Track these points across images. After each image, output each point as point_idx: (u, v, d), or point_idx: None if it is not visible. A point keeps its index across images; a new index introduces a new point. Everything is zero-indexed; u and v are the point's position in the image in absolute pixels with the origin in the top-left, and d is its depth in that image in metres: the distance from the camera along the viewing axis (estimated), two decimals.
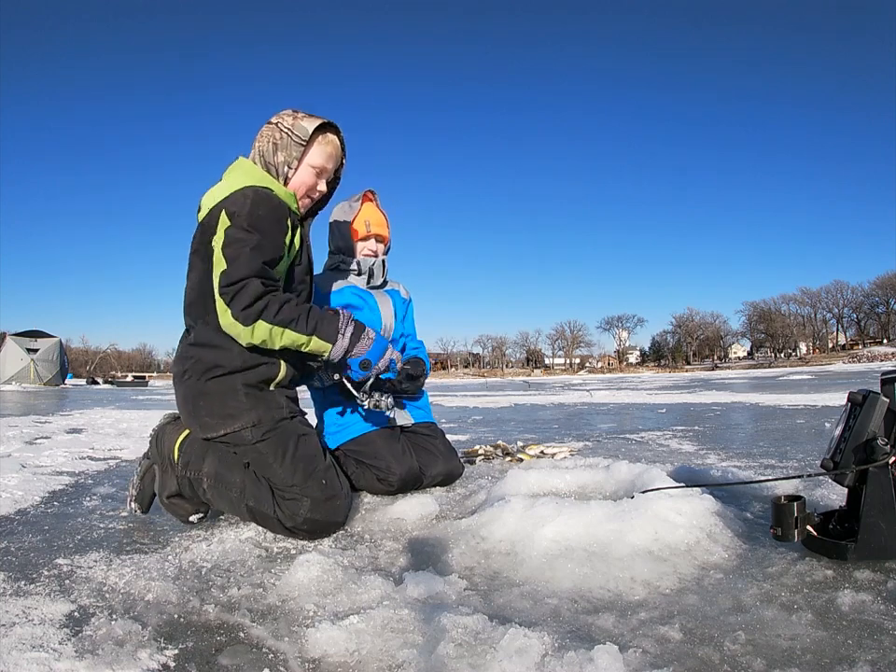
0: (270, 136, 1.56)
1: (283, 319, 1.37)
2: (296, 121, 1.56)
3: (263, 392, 1.50)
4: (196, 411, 1.48)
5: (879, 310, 70.76)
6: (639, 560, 1.16)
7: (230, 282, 1.35)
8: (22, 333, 20.11)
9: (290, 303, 1.39)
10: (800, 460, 2.38)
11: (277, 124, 1.57)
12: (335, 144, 1.63)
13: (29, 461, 2.64)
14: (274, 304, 1.36)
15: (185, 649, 0.85)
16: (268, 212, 1.43)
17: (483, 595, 1.03)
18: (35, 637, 0.87)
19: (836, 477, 1.16)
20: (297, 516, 1.37)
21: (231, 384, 1.46)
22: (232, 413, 1.45)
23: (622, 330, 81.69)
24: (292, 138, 1.55)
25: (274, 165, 1.56)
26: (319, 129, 1.58)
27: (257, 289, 1.35)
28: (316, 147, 1.59)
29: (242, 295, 1.34)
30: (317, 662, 0.82)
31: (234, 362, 1.46)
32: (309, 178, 1.60)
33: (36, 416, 5.71)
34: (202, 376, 1.47)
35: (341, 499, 1.45)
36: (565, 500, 1.36)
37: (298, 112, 1.59)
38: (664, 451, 2.79)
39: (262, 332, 1.36)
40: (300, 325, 1.38)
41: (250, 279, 1.35)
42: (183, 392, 1.51)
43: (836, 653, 0.80)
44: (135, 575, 1.14)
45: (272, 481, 1.43)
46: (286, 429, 1.48)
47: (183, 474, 1.49)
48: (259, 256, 1.38)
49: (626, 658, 0.78)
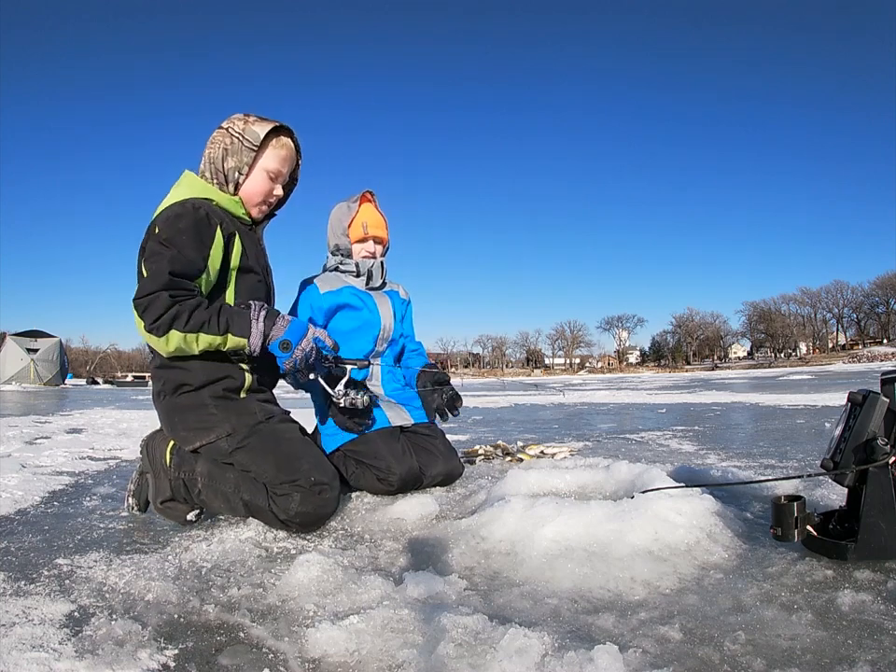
0: (221, 142, 1.55)
1: (194, 325, 1.35)
2: (247, 126, 1.54)
3: (234, 401, 1.51)
4: (173, 426, 1.52)
5: (879, 310, 70.83)
6: (639, 560, 1.16)
7: (141, 294, 1.35)
8: (22, 333, 20.12)
9: (200, 308, 1.37)
10: (800, 460, 2.38)
11: (228, 129, 1.55)
12: (289, 147, 1.61)
13: (29, 461, 2.64)
14: (184, 313, 1.35)
15: (185, 649, 0.85)
16: (189, 225, 1.42)
17: (482, 595, 1.03)
18: (35, 637, 0.87)
19: (836, 477, 1.16)
20: (289, 510, 1.40)
21: (200, 398, 1.48)
22: (206, 426, 1.48)
23: (622, 330, 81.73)
24: (244, 143, 1.54)
25: (224, 172, 1.55)
26: (272, 132, 1.57)
27: (164, 301, 1.33)
28: (270, 152, 1.58)
29: (150, 309, 1.33)
30: (317, 662, 0.82)
31: (198, 378, 1.48)
32: (264, 184, 1.59)
33: (36, 416, 5.72)
34: (172, 394, 1.51)
35: (329, 491, 1.46)
36: (565, 500, 1.36)
37: (249, 116, 1.57)
38: (664, 451, 2.79)
39: (176, 341, 1.36)
40: (211, 327, 1.37)
41: (159, 293, 1.34)
42: (160, 410, 1.55)
43: (836, 653, 0.80)
44: (135, 575, 1.14)
45: (261, 479, 1.45)
46: (262, 434, 1.49)
47: (176, 476, 1.51)
48: (169, 268, 1.37)
49: (626, 658, 0.78)
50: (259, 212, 1.64)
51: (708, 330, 78.67)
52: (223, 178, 1.56)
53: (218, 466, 1.49)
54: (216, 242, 1.46)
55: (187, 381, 1.48)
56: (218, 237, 1.47)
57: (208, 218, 1.46)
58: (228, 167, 1.55)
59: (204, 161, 1.57)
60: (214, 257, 1.46)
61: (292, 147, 1.63)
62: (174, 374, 1.49)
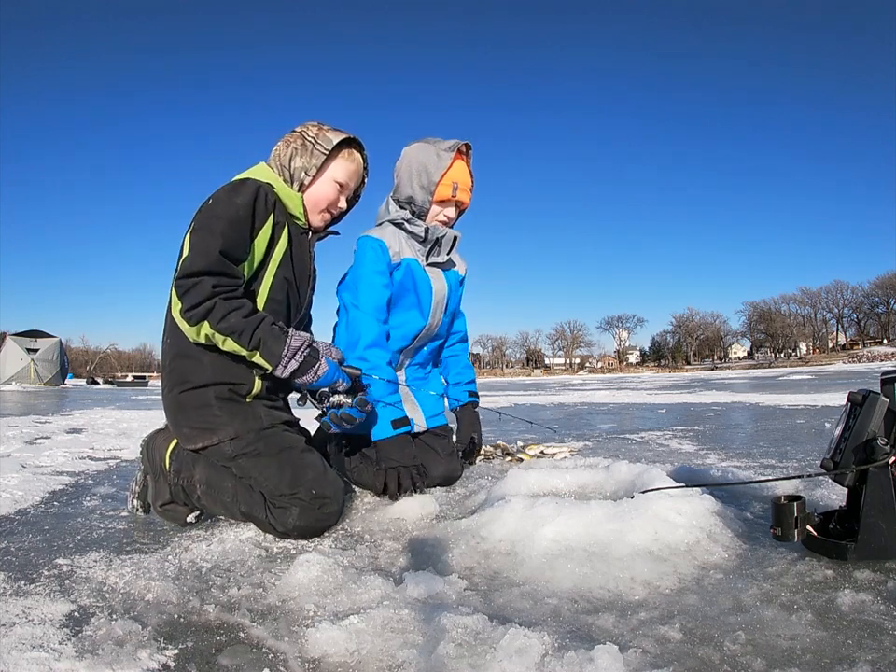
0: (291, 142, 1.55)
1: (225, 328, 1.32)
2: (321, 132, 1.55)
3: (240, 404, 1.47)
4: (177, 423, 1.49)
5: (879, 310, 70.84)
6: (639, 560, 1.16)
7: (185, 274, 1.31)
8: (22, 333, 20.12)
9: (238, 311, 1.33)
10: (800, 460, 2.38)
11: (302, 133, 1.56)
12: (359, 161, 1.62)
13: (29, 461, 2.64)
14: (220, 310, 1.31)
15: (185, 649, 0.85)
16: (246, 202, 1.39)
17: (483, 594, 1.03)
18: (35, 637, 0.87)
19: (836, 477, 1.16)
20: (286, 524, 1.36)
21: (204, 397, 1.44)
22: (210, 427, 1.44)
23: (622, 330, 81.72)
24: (316, 147, 1.54)
25: (290, 170, 1.54)
26: (344, 143, 1.57)
27: (205, 290, 1.30)
28: (340, 162, 1.58)
29: (192, 293, 1.30)
30: (317, 662, 0.82)
31: (205, 376, 1.44)
32: (330, 192, 1.58)
33: (36, 416, 5.71)
34: (174, 388, 1.47)
35: (330, 506, 1.41)
36: (565, 500, 1.36)
37: (324, 125, 1.58)
38: (664, 451, 2.79)
39: (206, 333, 1.34)
40: (242, 338, 1.33)
41: (203, 277, 1.31)
42: (165, 404, 1.52)
43: (836, 653, 0.79)
44: (135, 575, 1.13)
45: (261, 488, 1.42)
46: (266, 441, 1.44)
47: (175, 482, 1.48)
48: (221, 246, 1.33)
49: (626, 658, 0.78)
50: (321, 220, 1.61)
51: (708, 330, 78.67)
52: (288, 175, 1.54)
53: (218, 473, 1.45)
54: (266, 225, 1.44)
55: (194, 375, 1.44)
56: (269, 221, 1.44)
57: (265, 199, 1.43)
58: (295, 166, 1.54)
59: (272, 158, 1.56)
60: (260, 241, 1.43)
61: (361, 162, 1.63)
62: (182, 365, 1.45)
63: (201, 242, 1.34)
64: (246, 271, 1.43)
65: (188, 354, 1.44)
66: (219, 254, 1.33)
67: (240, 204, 1.39)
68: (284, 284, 1.53)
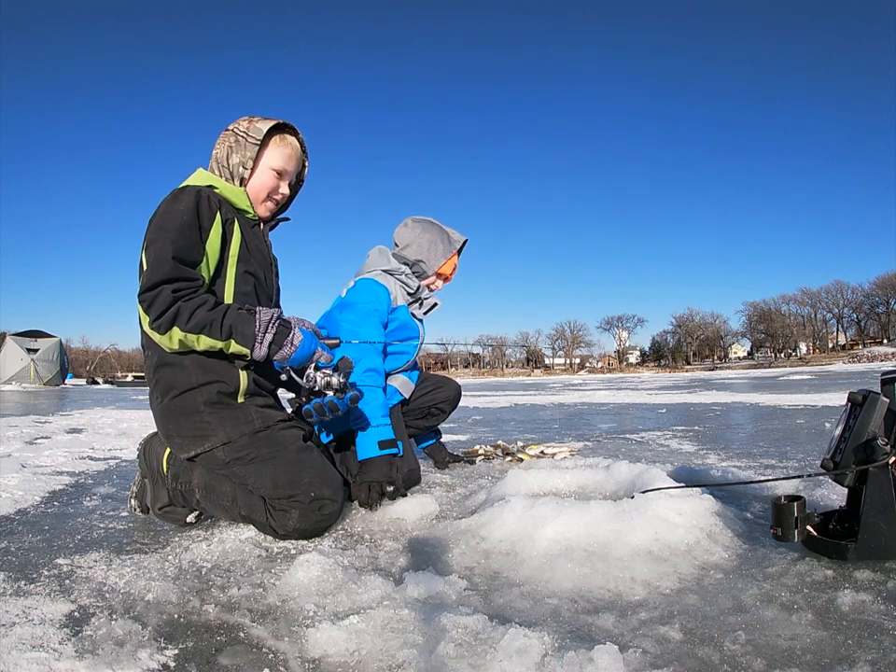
0: (226, 141, 1.56)
1: (194, 326, 1.32)
2: (251, 124, 1.56)
3: (230, 407, 1.45)
4: (168, 433, 1.48)
5: (879, 310, 70.82)
6: (639, 560, 1.16)
7: (145, 288, 1.33)
8: (22, 333, 20.14)
9: (203, 307, 1.33)
10: (800, 460, 2.38)
11: (234, 129, 1.57)
12: (294, 145, 1.61)
13: (29, 461, 2.64)
14: (185, 311, 1.31)
15: (185, 649, 0.85)
16: (188, 207, 1.40)
17: (483, 594, 1.03)
18: (35, 637, 0.87)
19: (836, 477, 1.16)
20: (286, 526, 1.36)
21: (192, 404, 1.44)
22: (200, 434, 1.43)
23: (622, 330, 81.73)
24: (248, 140, 1.55)
25: (229, 168, 1.55)
26: (276, 130, 1.58)
27: (167, 298, 1.31)
28: (273, 149, 1.58)
29: (156, 304, 1.31)
30: (317, 662, 0.82)
31: (190, 379, 1.43)
32: (269, 180, 1.59)
33: (36, 416, 5.72)
34: (164, 397, 1.47)
35: (330, 506, 1.41)
36: (565, 500, 1.36)
37: (254, 117, 1.58)
38: (664, 451, 2.79)
39: (179, 339, 1.34)
40: (213, 330, 1.33)
41: (162, 287, 1.32)
42: (156, 416, 1.51)
43: (836, 653, 0.80)
44: (135, 575, 1.14)
45: (259, 493, 1.41)
46: (260, 444, 1.43)
47: (174, 486, 1.48)
48: (172, 252, 1.34)
49: (626, 658, 0.78)
50: (267, 209, 1.63)
51: (708, 330, 78.68)
52: (229, 174, 1.56)
53: (215, 477, 1.45)
54: (215, 224, 1.45)
55: (179, 380, 1.44)
56: (218, 220, 1.45)
57: (208, 201, 1.44)
58: (233, 163, 1.55)
59: (211, 162, 1.58)
60: (213, 241, 1.45)
61: (297, 146, 1.63)
62: (168, 373, 1.45)
63: (153, 255, 1.36)
64: (206, 272, 1.44)
65: (169, 362, 1.45)
66: (173, 260, 1.35)
67: (183, 210, 1.40)
68: (248, 277, 1.54)
